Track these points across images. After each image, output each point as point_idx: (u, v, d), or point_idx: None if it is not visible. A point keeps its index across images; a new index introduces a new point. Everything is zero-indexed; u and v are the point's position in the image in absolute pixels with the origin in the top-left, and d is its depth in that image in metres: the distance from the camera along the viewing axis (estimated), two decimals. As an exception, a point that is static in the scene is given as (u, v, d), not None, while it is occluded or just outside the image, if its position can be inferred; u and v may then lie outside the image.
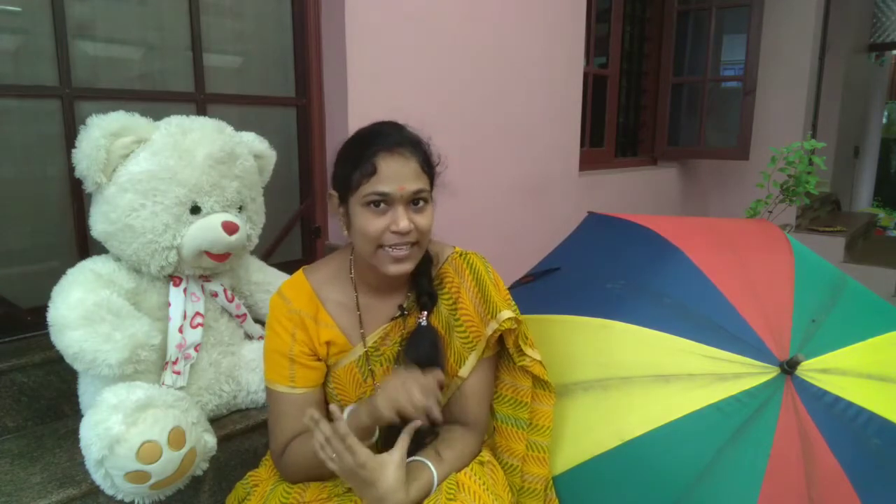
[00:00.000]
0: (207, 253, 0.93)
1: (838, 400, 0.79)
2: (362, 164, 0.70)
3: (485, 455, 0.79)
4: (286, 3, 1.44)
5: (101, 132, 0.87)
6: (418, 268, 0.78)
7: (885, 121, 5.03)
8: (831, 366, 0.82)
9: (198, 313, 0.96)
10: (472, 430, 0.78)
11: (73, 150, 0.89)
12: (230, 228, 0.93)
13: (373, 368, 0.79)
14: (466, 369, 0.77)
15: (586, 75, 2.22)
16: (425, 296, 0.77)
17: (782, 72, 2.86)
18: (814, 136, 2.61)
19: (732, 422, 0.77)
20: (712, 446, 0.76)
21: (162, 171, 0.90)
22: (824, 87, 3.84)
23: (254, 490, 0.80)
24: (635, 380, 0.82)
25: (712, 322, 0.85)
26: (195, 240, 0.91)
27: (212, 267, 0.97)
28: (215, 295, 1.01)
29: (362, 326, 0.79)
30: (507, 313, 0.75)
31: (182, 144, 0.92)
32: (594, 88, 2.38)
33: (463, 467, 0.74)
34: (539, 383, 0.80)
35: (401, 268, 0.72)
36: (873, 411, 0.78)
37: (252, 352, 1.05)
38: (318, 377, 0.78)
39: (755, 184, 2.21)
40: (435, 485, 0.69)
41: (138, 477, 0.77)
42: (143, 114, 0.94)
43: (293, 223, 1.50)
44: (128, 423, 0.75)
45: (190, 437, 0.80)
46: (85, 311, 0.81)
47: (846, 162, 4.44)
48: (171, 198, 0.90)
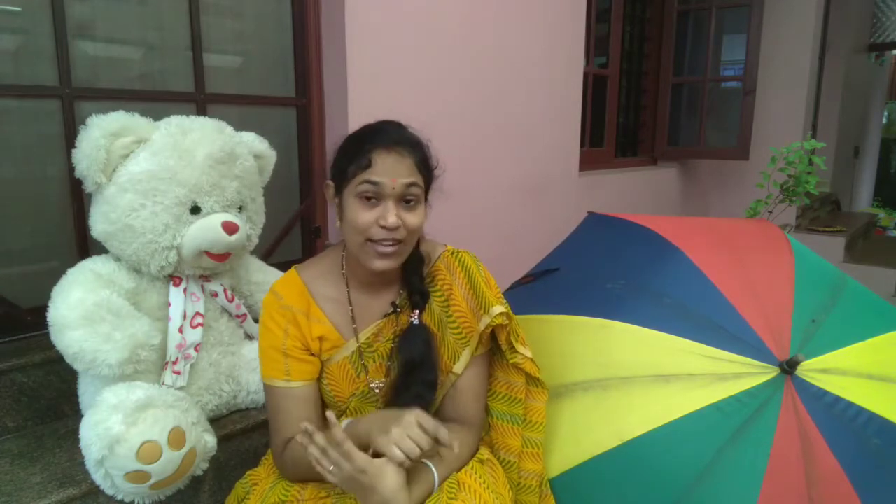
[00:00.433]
0: (207, 253, 0.93)
1: (838, 400, 0.79)
2: (359, 157, 0.71)
3: (484, 453, 0.79)
4: (286, 3, 1.44)
5: (101, 132, 0.87)
6: (410, 267, 0.78)
7: (885, 121, 5.04)
8: (831, 366, 0.82)
9: (198, 313, 0.96)
10: (469, 427, 0.79)
11: (73, 150, 0.89)
12: (230, 228, 0.93)
13: (366, 364, 0.79)
14: (461, 365, 0.78)
15: (586, 75, 2.22)
16: (417, 294, 0.78)
17: (782, 72, 2.86)
18: (814, 136, 2.61)
19: (732, 422, 0.77)
20: (712, 446, 0.76)
21: (162, 171, 0.90)
22: (824, 87, 3.84)
23: (253, 489, 0.80)
24: (635, 380, 0.82)
25: (712, 322, 0.85)
26: (195, 240, 0.91)
27: (212, 267, 0.97)
28: (215, 295, 1.01)
29: (354, 322, 0.79)
30: (498, 308, 0.76)
31: (182, 144, 0.92)
32: (594, 88, 2.38)
33: (463, 466, 0.74)
34: (531, 380, 0.81)
35: (385, 263, 0.73)
36: (873, 411, 0.78)
37: (252, 352, 1.05)
38: (313, 371, 0.78)
39: (755, 184, 2.21)
40: (436, 485, 0.69)
41: (138, 477, 0.77)
42: (143, 114, 0.94)
43: (293, 223, 1.50)
44: (128, 423, 0.76)
45: (190, 437, 0.80)
46: (85, 311, 0.81)
47: (846, 162, 4.44)
48: (171, 198, 0.90)
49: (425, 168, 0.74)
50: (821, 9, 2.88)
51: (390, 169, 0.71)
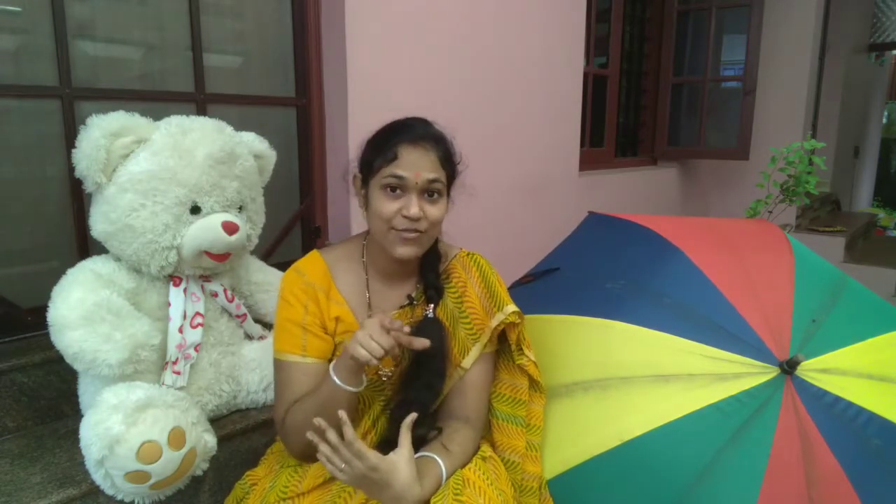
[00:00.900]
0: (207, 253, 0.93)
1: (838, 400, 0.79)
2: (385, 150, 0.74)
3: (486, 450, 0.80)
4: (286, 3, 1.44)
5: (101, 132, 0.87)
6: (427, 263, 0.81)
7: (885, 121, 5.04)
8: (831, 366, 0.82)
9: (198, 313, 0.96)
10: (472, 426, 0.80)
11: (73, 150, 0.89)
12: (230, 228, 0.93)
13: None
14: (469, 360, 0.80)
15: (586, 75, 2.22)
16: (432, 289, 0.81)
17: (782, 72, 2.86)
18: (814, 136, 2.61)
19: (732, 422, 0.77)
20: (712, 446, 0.76)
21: (162, 171, 0.90)
22: (824, 87, 3.84)
23: (252, 489, 0.81)
24: (635, 380, 0.83)
25: (712, 322, 0.85)
26: (195, 240, 0.92)
27: (212, 267, 0.97)
28: (215, 295, 1.01)
29: (371, 309, 0.81)
30: (512, 307, 0.79)
31: (182, 144, 0.92)
32: (594, 88, 2.38)
33: (466, 463, 0.75)
34: (533, 384, 0.83)
35: (407, 250, 0.75)
36: (873, 411, 0.78)
37: (252, 352, 1.05)
38: (328, 349, 0.79)
39: (755, 184, 2.21)
40: (444, 478, 0.70)
41: (138, 477, 0.77)
42: (143, 114, 0.94)
43: (293, 223, 1.50)
44: (128, 423, 0.76)
45: (190, 437, 0.80)
46: (85, 311, 0.81)
47: (846, 162, 4.45)
48: (171, 198, 0.90)
49: (448, 163, 0.77)
50: (821, 9, 2.87)
51: (415, 163, 0.74)
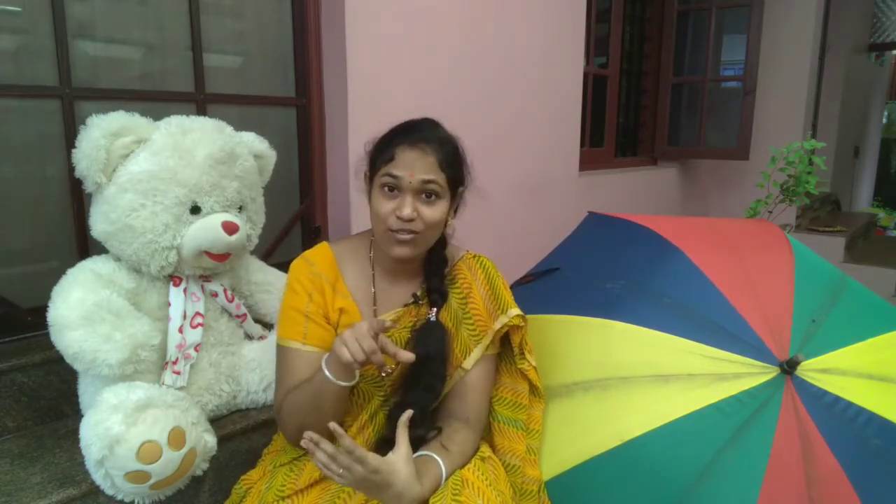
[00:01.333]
0: (207, 253, 0.93)
1: (838, 400, 0.79)
2: (385, 151, 0.76)
3: (485, 451, 0.80)
4: (286, 3, 1.44)
5: (101, 132, 0.87)
6: (432, 267, 0.82)
7: (885, 121, 5.03)
8: (831, 366, 0.82)
9: (198, 313, 0.96)
10: (472, 427, 0.80)
11: (73, 150, 0.89)
12: (230, 228, 0.93)
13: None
14: (470, 361, 0.80)
15: (586, 75, 2.22)
16: (436, 293, 0.81)
17: (782, 72, 2.86)
18: (814, 136, 2.61)
19: (732, 422, 0.78)
20: (712, 446, 0.76)
21: (162, 171, 0.90)
22: (824, 87, 3.84)
23: (248, 493, 0.81)
24: (635, 380, 0.83)
25: (712, 322, 0.85)
26: (195, 240, 0.92)
27: (212, 267, 0.97)
28: (215, 295, 1.01)
29: (375, 304, 0.81)
30: (516, 310, 0.80)
31: (182, 144, 0.92)
32: (594, 88, 2.38)
33: (465, 463, 0.75)
34: (532, 389, 0.84)
35: (402, 250, 0.75)
36: (873, 411, 0.78)
37: (252, 352, 1.05)
38: (329, 339, 0.79)
39: (755, 184, 2.21)
40: (444, 478, 0.70)
41: (138, 477, 0.77)
42: (143, 114, 0.94)
43: (293, 223, 1.50)
44: (128, 423, 0.76)
45: (190, 437, 0.80)
46: (85, 311, 0.81)
47: (846, 162, 4.44)
48: (171, 198, 0.90)
49: (449, 167, 0.77)
50: (821, 9, 2.87)
51: (410, 164, 0.74)
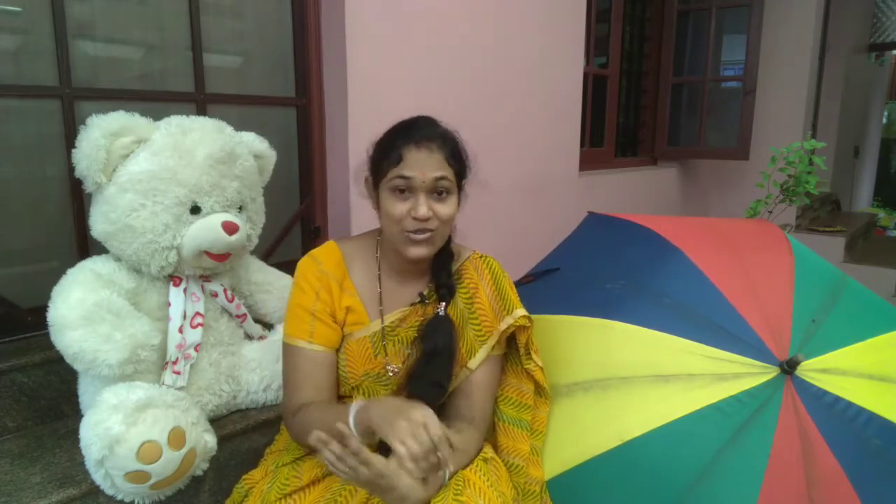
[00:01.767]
0: (207, 253, 0.93)
1: (838, 400, 0.79)
2: (391, 152, 0.76)
3: (488, 452, 0.80)
4: (286, 3, 1.44)
5: (101, 132, 0.87)
6: (439, 262, 0.82)
7: (885, 121, 5.03)
8: (831, 366, 0.82)
9: (198, 313, 0.96)
10: (476, 427, 0.80)
11: (73, 150, 0.89)
12: (230, 228, 0.93)
13: (386, 346, 0.80)
14: (476, 361, 0.80)
15: (586, 75, 2.22)
16: (444, 288, 0.81)
17: (782, 72, 2.86)
18: (814, 136, 2.60)
19: (732, 422, 0.78)
20: (712, 446, 0.76)
21: (162, 171, 0.90)
22: (824, 87, 3.84)
23: (250, 492, 0.80)
24: (635, 380, 0.83)
25: (712, 322, 0.85)
26: (195, 240, 0.91)
27: (212, 267, 0.97)
28: (215, 295, 1.01)
29: (382, 303, 0.81)
30: (522, 311, 0.80)
31: (182, 144, 0.92)
32: (594, 88, 2.38)
33: (468, 463, 0.74)
34: (538, 389, 0.84)
35: (419, 251, 0.76)
36: (873, 411, 0.78)
37: (252, 352, 1.05)
38: (335, 339, 0.80)
39: (755, 184, 2.21)
40: (446, 478, 0.70)
41: (138, 477, 0.77)
42: (143, 114, 0.94)
43: (293, 223, 1.50)
44: (128, 423, 0.76)
45: (190, 437, 0.80)
46: (85, 311, 0.81)
47: (846, 162, 4.44)
48: (171, 198, 0.90)
49: (455, 160, 0.77)
50: (821, 9, 2.87)
51: (420, 163, 0.74)
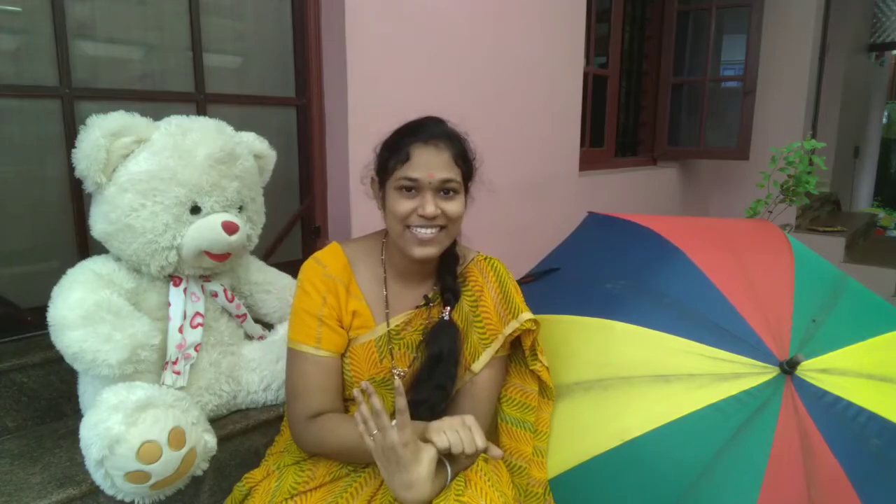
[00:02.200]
0: (207, 253, 0.93)
1: (838, 400, 0.79)
2: (398, 152, 0.75)
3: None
4: (286, 3, 1.44)
5: (102, 132, 0.87)
6: (444, 265, 0.81)
7: (885, 121, 5.03)
8: (831, 366, 0.82)
9: (198, 313, 0.96)
10: None
11: (73, 150, 0.89)
12: (230, 228, 0.93)
13: (392, 350, 0.80)
14: (479, 364, 0.80)
15: (586, 75, 2.22)
16: (449, 292, 0.80)
17: (782, 72, 2.86)
18: (814, 136, 2.60)
19: (732, 422, 0.78)
20: (712, 447, 0.77)
21: (162, 171, 0.90)
22: (824, 88, 3.84)
23: (253, 491, 0.80)
24: (635, 380, 0.83)
25: (712, 322, 0.86)
26: (195, 240, 0.91)
27: (212, 267, 0.97)
28: (215, 295, 1.00)
29: (388, 306, 0.81)
30: (528, 314, 0.79)
31: (182, 144, 0.92)
32: (594, 88, 2.38)
33: (470, 465, 0.73)
34: (543, 390, 0.84)
35: (425, 251, 0.74)
36: (873, 411, 0.78)
37: (252, 352, 1.05)
38: (341, 344, 0.79)
39: (755, 184, 2.21)
40: (449, 480, 0.70)
41: (138, 477, 0.76)
42: (143, 114, 0.94)
43: (293, 223, 1.49)
44: (128, 423, 0.75)
45: (190, 437, 0.80)
46: (85, 311, 0.81)
47: (846, 162, 4.45)
48: (171, 198, 0.90)
49: (463, 161, 0.77)
50: (821, 9, 2.87)
51: (427, 163, 0.74)
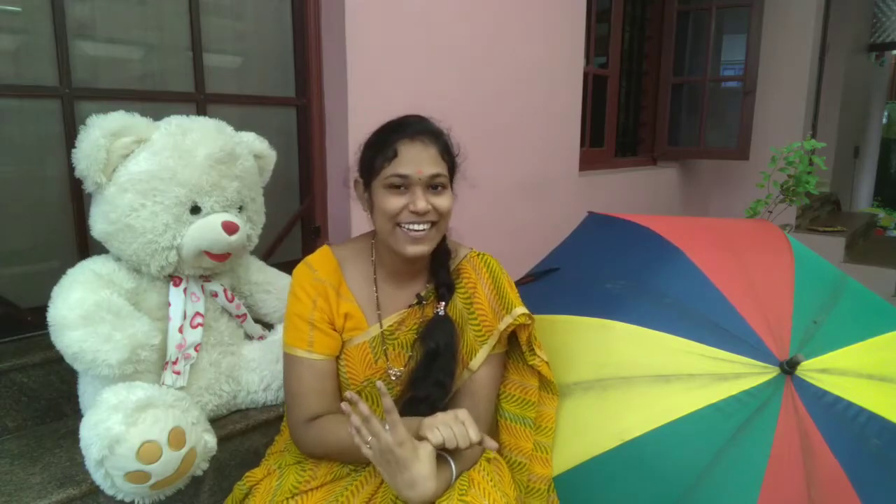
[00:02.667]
0: (207, 253, 0.93)
1: (838, 400, 0.79)
2: (385, 149, 0.74)
3: (490, 452, 0.79)
4: (286, 3, 1.44)
5: (102, 132, 0.87)
6: (437, 260, 0.80)
7: (885, 121, 5.02)
8: (831, 366, 0.82)
9: (198, 313, 0.95)
10: (479, 426, 0.79)
11: (73, 150, 0.89)
12: (230, 228, 0.92)
13: (387, 350, 0.79)
14: (477, 362, 0.79)
15: (586, 75, 2.21)
16: (444, 287, 0.79)
17: (783, 72, 2.85)
18: (814, 136, 2.60)
19: (732, 422, 0.77)
20: (712, 447, 0.77)
21: (162, 170, 0.89)
22: (824, 87, 3.83)
23: (254, 490, 0.80)
24: (635, 380, 0.83)
25: (712, 322, 0.85)
26: (195, 240, 0.91)
27: (212, 267, 0.96)
28: (215, 295, 1.00)
29: (379, 307, 0.80)
30: (521, 309, 0.78)
31: (182, 144, 0.91)
32: (594, 88, 2.38)
33: (473, 464, 0.74)
34: (544, 385, 0.83)
35: (418, 248, 0.74)
36: (873, 411, 0.78)
37: (252, 352, 1.05)
38: (335, 346, 0.78)
39: (755, 184, 2.21)
40: (454, 479, 0.70)
41: (138, 477, 0.76)
42: (143, 114, 0.94)
43: (293, 223, 1.49)
44: (128, 423, 0.75)
45: (190, 437, 0.80)
46: (85, 311, 0.81)
47: (846, 162, 4.44)
48: (171, 198, 0.90)
49: (448, 156, 0.77)
50: (821, 9, 2.87)
51: (415, 158, 0.73)
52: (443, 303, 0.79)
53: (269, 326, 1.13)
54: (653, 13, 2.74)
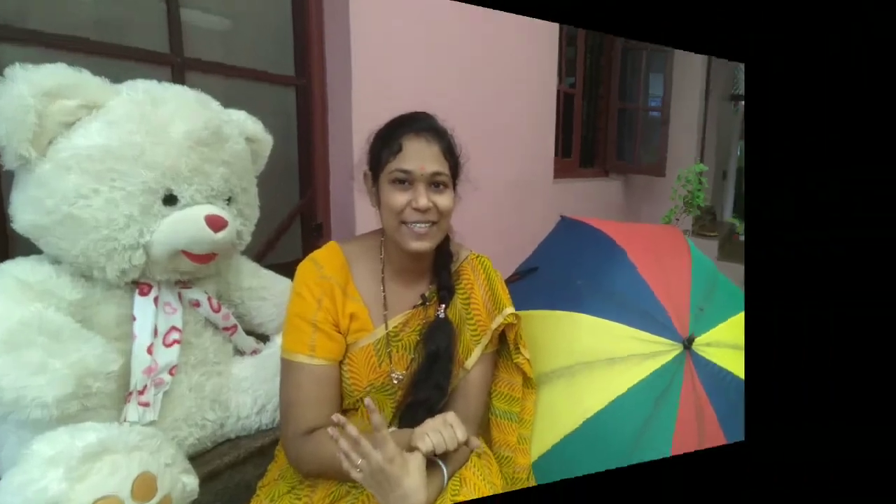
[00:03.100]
0: (186, 253, 0.61)
1: (714, 365, 0.83)
2: (390, 143, 0.63)
3: (482, 447, 0.68)
4: (284, -33, 1.02)
5: (31, 89, 0.52)
6: (440, 262, 0.70)
7: (739, 153, 5.66)
8: (712, 340, 0.87)
9: (174, 328, 0.63)
10: (471, 426, 0.67)
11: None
12: (216, 224, 0.61)
13: (391, 353, 0.66)
14: (471, 361, 0.69)
15: (558, 92, 2.08)
16: (444, 290, 0.69)
17: (684, 107, 3.01)
18: (702, 161, 2.81)
19: (655, 392, 0.78)
20: (643, 415, 0.76)
21: (123, 147, 0.56)
22: (708, 124, 4.10)
23: (260, 490, 0.63)
24: (595, 364, 0.80)
25: (644, 310, 0.86)
26: (170, 237, 0.59)
27: (191, 270, 0.64)
28: (197, 305, 0.67)
29: (386, 307, 0.67)
30: (510, 309, 0.70)
31: (152, 117, 0.58)
32: (564, 105, 2.25)
33: (464, 463, 0.62)
34: (525, 381, 0.75)
35: (421, 244, 0.63)
36: (732, 372, 0.82)
37: (244, 370, 0.73)
38: (338, 351, 0.64)
39: (669, 197, 2.37)
40: (445, 481, 0.59)
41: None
42: (96, 72, 0.58)
43: (291, 219, 1.09)
44: (71, 479, 0.45)
45: (163, 483, 0.51)
46: (6, 334, 0.47)
47: (718, 182, 4.99)
48: (135, 183, 0.57)
49: (451, 156, 0.65)
50: (706, 60, 3.06)
51: (418, 154, 0.62)
52: (443, 305, 0.67)
53: (263, 338, 0.79)
54: (606, 44, 2.66)
